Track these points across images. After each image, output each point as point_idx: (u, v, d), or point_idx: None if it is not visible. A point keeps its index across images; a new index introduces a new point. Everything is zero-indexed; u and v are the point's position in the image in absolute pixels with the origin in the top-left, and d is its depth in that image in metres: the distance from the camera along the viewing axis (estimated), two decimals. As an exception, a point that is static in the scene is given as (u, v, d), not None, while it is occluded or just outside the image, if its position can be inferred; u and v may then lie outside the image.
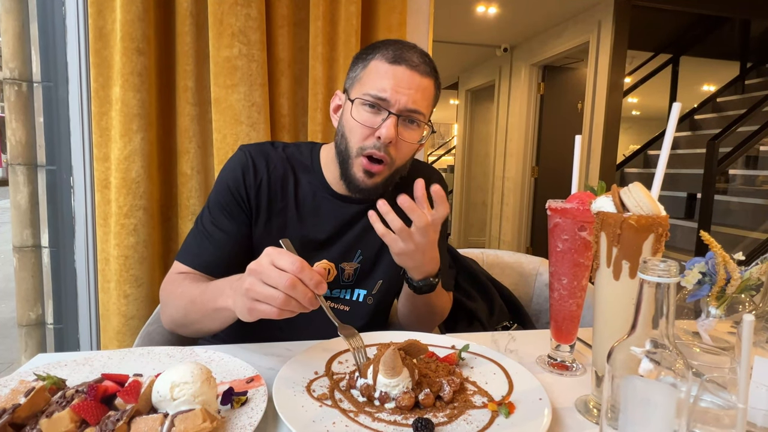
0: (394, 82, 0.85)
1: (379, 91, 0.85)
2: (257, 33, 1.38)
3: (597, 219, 0.57)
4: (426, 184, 1.04)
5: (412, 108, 0.86)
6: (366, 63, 0.89)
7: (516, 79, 5.03)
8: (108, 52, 1.36)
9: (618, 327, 0.57)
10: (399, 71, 0.85)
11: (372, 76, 0.87)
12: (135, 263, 1.38)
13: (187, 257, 0.93)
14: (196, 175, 1.46)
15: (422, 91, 0.87)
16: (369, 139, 0.87)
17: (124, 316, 1.39)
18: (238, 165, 0.94)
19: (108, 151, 1.38)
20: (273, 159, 0.96)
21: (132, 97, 1.33)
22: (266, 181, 0.94)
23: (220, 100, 1.39)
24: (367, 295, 0.99)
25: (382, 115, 0.86)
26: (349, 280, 0.98)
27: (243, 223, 0.93)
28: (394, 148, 0.88)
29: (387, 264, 0.98)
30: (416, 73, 0.86)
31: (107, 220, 1.39)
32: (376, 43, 0.91)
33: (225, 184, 0.93)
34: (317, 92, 1.48)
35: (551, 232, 0.71)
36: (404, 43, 0.89)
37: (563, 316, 0.72)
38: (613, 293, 0.57)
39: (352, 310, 0.98)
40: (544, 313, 1.49)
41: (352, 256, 0.97)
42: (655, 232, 0.54)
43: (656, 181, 0.57)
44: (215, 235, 0.92)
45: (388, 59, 0.86)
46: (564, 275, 0.70)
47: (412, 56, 0.86)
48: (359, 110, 0.87)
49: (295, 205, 0.95)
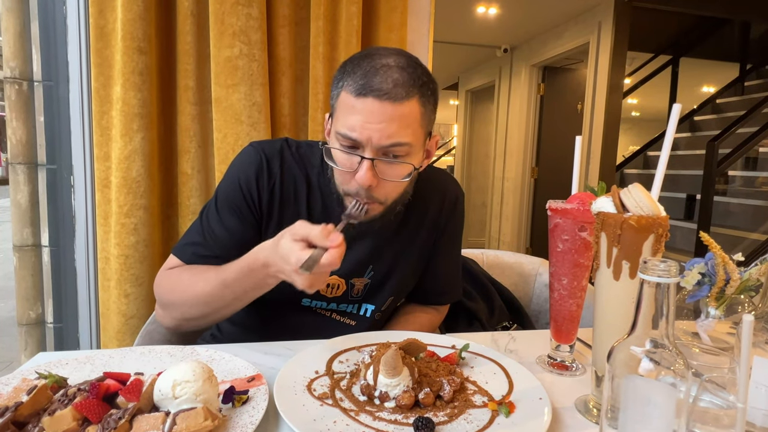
0: (362, 119, 0.73)
1: (348, 130, 0.74)
2: (258, 33, 1.39)
3: (597, 219, 0.58)
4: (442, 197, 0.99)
5: (388, 144, 0.74)
6: (338, 91, 0.77)
7: (516, 80, 5.03)
8: (109, 51, 1.36)
9: (618, 327, 0.57)
10: (367, 104, 0.72)
11: (341, 110, 0.76)
12: (135, 262, 1.38)
13: (186, 254, 0.88)
14: (197, 174, 1.46)
15: (399, 120, 0.74)
16: (350, 184, 0.79)
17: (124, 315, 1.39)
18: (253, 165, 0.88)
19: (108, 150, 1.38)
20: (287, 160, 0.90)
21: (133, 97, 1.33)
22: (279, 185, 0.88)
23: (221, 100, 1.39)
24: (376, 311, 0.95)
25: (356, 158, 0.76)
26: (358, 296, 0.93)
27: (251, 225, 0.88)
28: (380, 190, 0.79)
29: (399, 280, 0.95)
30: (387, 102, 0.72)
31: (107, 220, 1.39)
32: (350, 63, 0.78)
33: (237, 183, 0.88)
34: (318, 92, 1.48)
35: (551, 233, 0.72)
36: (377, 61, 0.75)
37: (563, 316, 0.72)
38: (613, 293, 0.57)
39: (358, 325, 0.94)
40: (543, 313, 1.50)
41: (363, 272, 0.92)
42: (655, 232, 0.54)
43: (656, 181, 0.58)
44: (220, 234, 0.87)
45: (354, 90, 0.73)
46: (564, 275, 0.70)
47: (383, 81, 0.73)
48: (335, 152, 0.78)
49: (308, 211, 0.90)
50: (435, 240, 1.00)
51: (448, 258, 1.05)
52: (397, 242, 0.94)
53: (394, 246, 0.94)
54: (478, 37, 4.82)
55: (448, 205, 1.01)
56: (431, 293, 1.05)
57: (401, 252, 0.95)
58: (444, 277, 1.05)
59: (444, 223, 1.00)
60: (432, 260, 1.01)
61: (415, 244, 0.96)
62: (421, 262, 0.99)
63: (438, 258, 1.02)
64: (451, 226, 1.02)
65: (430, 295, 1.06)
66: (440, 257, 1.02)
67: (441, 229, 1.00)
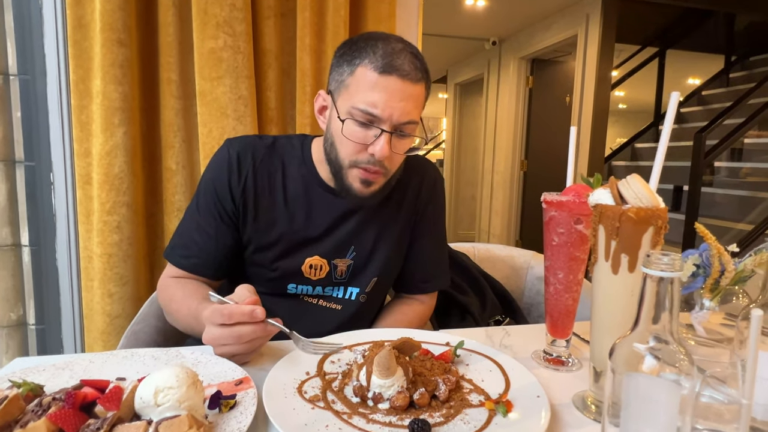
0: (385, 96, 0.78)
1: (369, 106, 0.78)
2: (243, 24, 1.35)
3: (595, 211, 0.56)
4: (421, 180, 1.03)
5: (405, 121, 0.81)
6: (352, 68, 0.81)
7: (504, 73, 5.02)
8: (87, 43, 1.31)
9: (617, 322, 0.56)
10: (390, 82, 0.78)
11: (360, 86, 0.79)
12: (119, 261, 1.34)
13: (175, 257, 0.92)
14: (182, 170, 1.42)
15: (414, 100, 0.81)
16: (361, 154, 0.83)
17: (109, 315, 1.35)
18: (224, 164, 0.90)
19: (89, 146, 1.34)
20: (259, 151, 0.92)
21: (113, 90, 1.29)
22: (252, 177, 0.91)
23: (206, 93, 1.35)
24: (360, 293, 0.96)
25: (373, 131, 0.80)
26: (342, 278, 0.95)
27: (231, 225, 0.91)
28: (389, 161, 0.84)
29: (382, 260, 0.96)
30: (408, 81, 0.79)
31: (89, 218, 1.35)
32: (362, 42, 0.82)
33: (211, 186, 0.91)
34: (305, 84, 1.45)
35: (546, 226, 0.70)
36: (393, 44, 0.80)
37: (559, 310, 0.71)
38: (611, 287, 0.55)
39: (343, 309, 0.96)
40: (535, 306, 1.49)
41: (345, 253, 0.94)
42: (655, 224, 0.52)
43: (654, 172, 0.56)
44: (202, 237, 0.90)
45: (377, 68, 0.78)
46: (560, 269, 0.69)
47: (404, 62, 0.79)
48: (350, 125, 0.81)
49: (284, 199, 0.92)
50: (415, 222, 1.02)
51: (432, 242, 1.05)
52: (377, 222, 0.96)
53: (375, 226, 0.96)
54: (466, 29, 4.79)
55: (426, 187, 1.03)
56: (417, 280, 1.05)
57: (382, 232, 0.96)
58: (429, 263, 1.05)
59: (423, 206, 1.02)
60: (415, 244, 1.02)
61: (396, 224, 0.98)
62: (402, 244, 1.00)
63: (421, 241, 1.03)
64: (431, 209, 1.04)
65: (416, 282, 1.05)
66: (423, 241, 1.03)
67: (421, 212, 1.02)
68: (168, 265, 0.93)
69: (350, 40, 0.85)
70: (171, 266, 0.92)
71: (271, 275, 0.93)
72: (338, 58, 0.85)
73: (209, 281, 0.93)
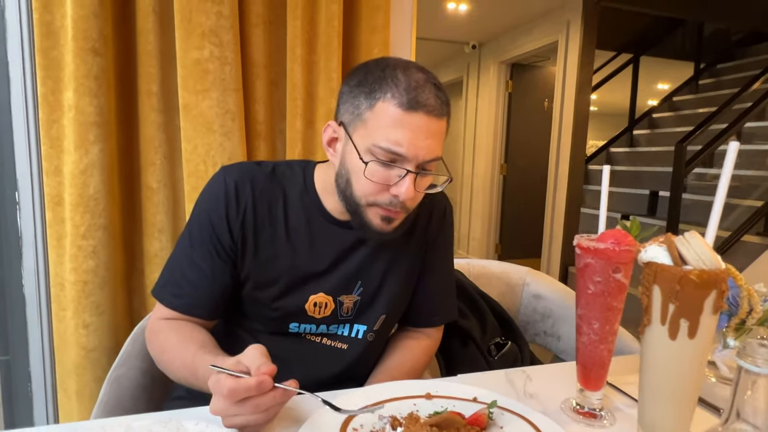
0: (410, 134, 0.72)
1: (393, 145, 0.72)
2: (230, 33, 1.26)
3: (649, 270, 0.52)
4: (431, 210, 0.96)
5: (430, 159, 0.75)
6: (372, 101, 0.74)
7: (484, 77, 5.03)
8: (58, 51, 1.19)
9: (671, 388, 0.52)
10: (416, 119, 0.72)
11: (381, 122, 0.73)
12: (95, 288, 1.24)
13: (165, 296, 0.83)
14: (163, 188, 1.32)
15: (438, 136, 0.76)
16: (382, 195, 0.77)
17: (84, 348, 1.24)
18: (220, 195, 0.82)
19: (60, 163, 1.22)
20: (259, 180, 0.85)
21: (88, 104, 1.18)
22: (251, 208, 0.83)
23: (190, 107, 1.25)
24: (368, 332, 0.90)
25: (396, 171, 0.74)
26: (348, 315, 0.88)
27: (228, 261, 0.83)
28: (411, 201, 0.78)
29: (390, 296, 0.90)
30: (434, 117, 0.73)
31: (61, 242, 1.24)
32: (378, 71, 0.75)
33: (206, 218, 0.82)
34: (296, 97, 1.37)
35: (581, 273, 0.65)
36: (415, 75, 0.74)
37: (593, 362, 0.66)
38: (667, 354, 0.51)
39: (350, 348, 0.89)
40: (531, 324, 1.47)
41: (351, 289, 0.87)
42: (718, 288, 0.48)
43: (710, 227, 0.52)
44: (196, 275, 0.81)
45: (402, 104, 0.71)
46: (595, 319, 0.65)
47: (429, 96, 0.73)
48: (372, 165, 0.74)
49: (286, 232, 0.85)
50: (424, 254, 0.96)
51: (441, 275, 1.00)
52: (385, 256, 0.90)
53: (383, 259, 0.89)
54: (447, 32, 4.77)
55: (436, 218, 0.97)
56: (425, 313, 1.00)
57: (390, 266, 0.90)
58: (438, 296, 1.00)
59: (434, 237, 0.97)
60: (424, 277, 0.97)
61: (405, 257, 0.92)
62: (411, 277, 0.95)
63: (430, 275, 0.97)
64: (440, 240, 0.98)
65: (424, 316, 1.00)
66: (432, 274, 0.98)
67: (431, 243, 0.97)
68: (157, 305, 0.84)
69: (363, 68, 0.78)
70: (161, 306, 0.83)
71: (271, 315, 0.85)
72: (353, 87, 0.77)
73: (204, 322, 0.85)
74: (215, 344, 0.80)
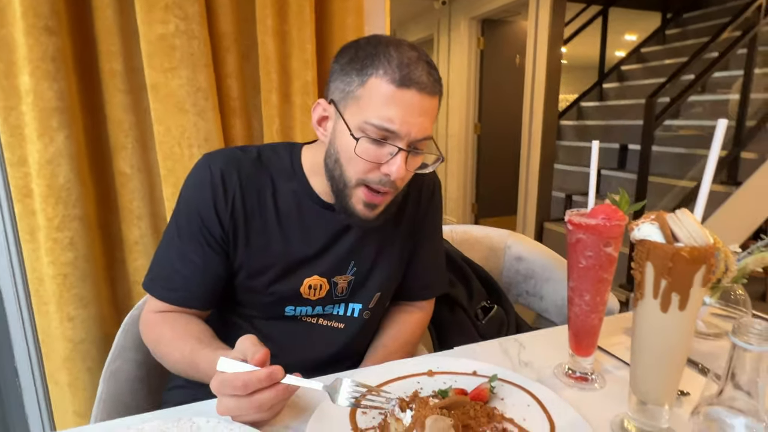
0: (403, 111, 0.71)
1: (384, 122, 0.71)
2: (195, 4, 1.18)
3: (641, 248, 0.54)
4: (420, 187, 0.96)
5: (421, 137, 0.74)
6: (363, 78, 0.72)
7: (455, 34, 4.92)
8: (6, 31, 1.10)
9: (664, 357, 0.55)
10: (408, 96, 0.71)
11: (374, 99, 0.72)
12: (77, 281, 1.20)
13: (157, 290, 0.82)
14: (137, 173, 1.27)
15: (431, 114, 0.75)
16: (372, 173, 0.76)
17: (71, 340, 1.22)
18: (206, 184, 0.80)
19: (24, 153, 1.15)
20: (245, 168, 0.83)
21: (47, 88, 1.11)
22: (240, 197, 0.81)
23: (159, 86, 1.19)
24: (363, 310, 0.91)
25: (388, 149, 0.74)
26: (343, 294, 0.89)
27: (221, 251, 0.81)
28: (401, 180, 0.77)
29: (384, 275, 0.92)
30: (426, 95, 0.73)
31: (34, 235, 1.19)
32: (370, 48, 0.73)
33: (194, 208, 0.80)
34: (270, 71, 1.32)
35: (572, 248, 0.67)
36: (407, 52, 0.72)
37: (585, 331, 0.70)
38: (660, 325, 0.54)
39: (347, 327, 0.91)
40: (514, 285, 1.52)
41: (345, 269, 0.88)
42: (707, 263, 0.51)
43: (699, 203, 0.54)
44: (187, 267, 0.80)
45: (395, 80, 0.71)
46: (587, 291, 0.67)
47: (422, 74, 0.72)
48: (363, 143, 0.74)
49: (277, 218, 0.84)
50: (415, 231, 0.97)
51: (431, 249, 1.02)
52: (378, 235, 0.90)
53: (375, 239, 0.90)
54: (415, -12, 4.61)
55: (425, 195, 0.98)
56: (417, 287, 1.02)
57: (382, 245, 0.91)
58: (428, 269, 1.02)
59: (423, 214, 0.98)
60: (414, 252, 0.98)
61: (396, 235, 0.93)
62: (403, 254, 0.96)
63: (420, 250, 0.99)
64: (430, 217, 1.00)
65: (416, 290, 1.02)
66: (422, 249, 0.99)
67: (420, 220, 0.98)
68: (149, 298, 0.83)
69: (354, 45, 0.76)
70: (153, 299, 0.82)
71: (266, 300, 0.86)
72: (344, 65, 0.75)
73: (198, 312, 0.85)
74: (212, 334, 0.80)
